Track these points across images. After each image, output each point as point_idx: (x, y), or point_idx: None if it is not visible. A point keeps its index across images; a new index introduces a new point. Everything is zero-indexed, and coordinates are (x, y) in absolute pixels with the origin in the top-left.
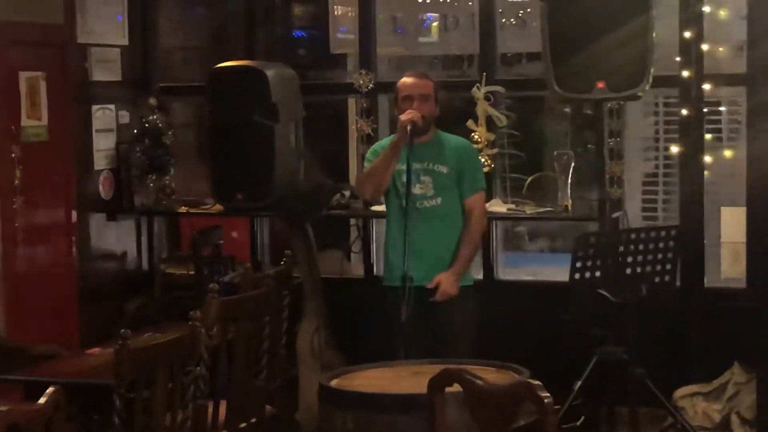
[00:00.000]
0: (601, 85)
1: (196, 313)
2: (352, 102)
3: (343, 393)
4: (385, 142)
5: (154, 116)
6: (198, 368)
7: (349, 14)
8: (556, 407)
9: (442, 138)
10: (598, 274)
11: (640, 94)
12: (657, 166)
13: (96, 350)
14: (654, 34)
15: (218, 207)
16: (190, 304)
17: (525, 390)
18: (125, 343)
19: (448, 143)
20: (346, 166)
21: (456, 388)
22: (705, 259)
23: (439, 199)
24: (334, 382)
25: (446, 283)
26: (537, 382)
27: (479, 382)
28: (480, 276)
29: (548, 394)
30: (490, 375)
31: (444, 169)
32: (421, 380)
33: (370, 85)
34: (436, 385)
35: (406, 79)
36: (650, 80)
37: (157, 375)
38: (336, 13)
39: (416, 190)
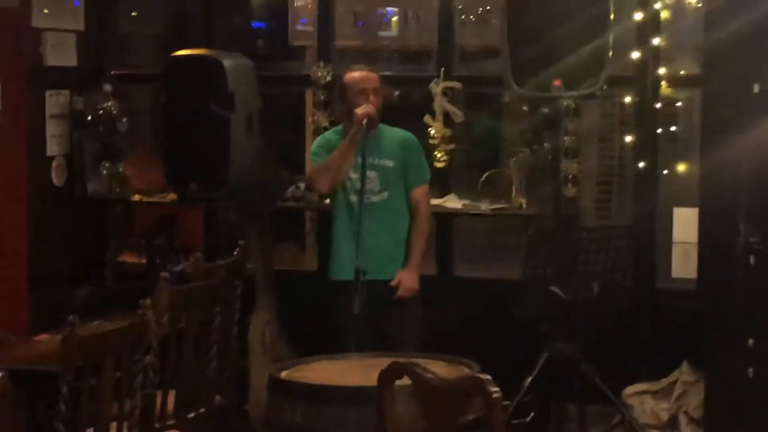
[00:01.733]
0: (557, 83)
1: (146, 301)
2: (309, 94)
3: (292, 384)
4: (329, 135)
5: (109, 103)
6: (147, 357)
7: (309, 6)
8: (505, 402)
9: (384, 131)
10: (549, 271)
11: (596, 93)
12: (611, 166)
13: (44, 337)
14: (611, 35)
15: (172, 196)
16: (142, 293)
17: (474, 384)
18: (73, 330)
19: (391, 136)
20: (302, 158)
21: (405, 381)
22: (656, 258)
23: (385, 194)
24: (283, 374)
25: (408, 279)
26: (486, 376)
27: (428, 375)
28: (434, 272)
29: (497, 389)
30: (440, 369)
31: (390, 163)
32: (370, 373)
33: (328, 78)
34: (385, 378)
35: (357, 74)
36: (606, 79)
37: (104, 363)
38: (295, 4)
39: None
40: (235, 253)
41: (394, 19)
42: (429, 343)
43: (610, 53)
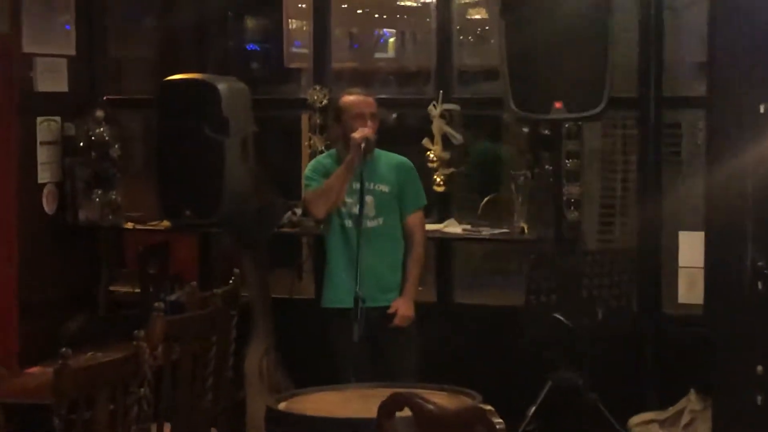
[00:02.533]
0: (558, 105)
1: (140, 332)
2: (305, 118)
3: (290, 416)
4: (323, 159)
5: (101, 129)
6: (141, 389)
7: (304, 28)
8: None
9: (380, 156)
10: (553, 297)
11: (597, 115)
12: (614, 189)
13: (35, 369)
14: (612, 56)
15: (166, 223)
16: (135, 323)
17: (476, 415)
18: (65, 362)
19: (387, 161)
20: (298, 183)
21: (406, 412)
22: (662, 284)
23: (380, 219)
24: (281, 405)
25: (404, 307)
26: (488, 407)
27: (430, 406)
28: (434, 298)
29: (500, 420)
30: (441, 399)
31: (386, 188)
32: (370, 404)
33: (324, 101)
34: (385, 410)
35: (354, 97)
36: (607, 101)
37: (98, 396)
38: (290, 26)
39: (357, 210)
40: (231, 281)
41: (391, 40)
42: (429, 373)
43: (612, 74)
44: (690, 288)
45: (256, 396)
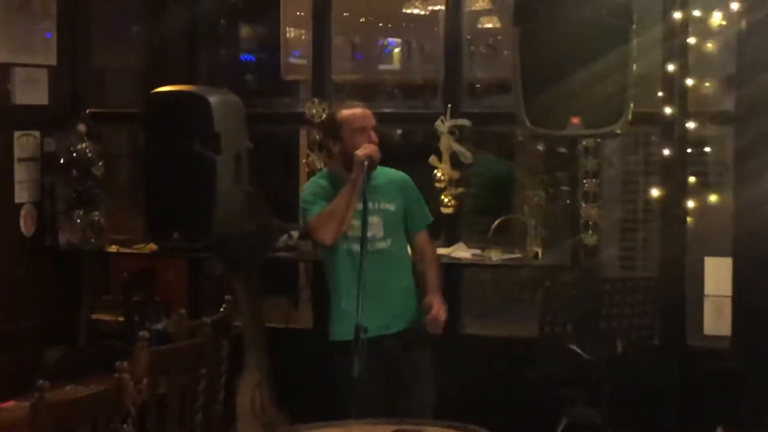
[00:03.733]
0: (575, 120)
1: (123, 364)
2: (303, 133)
3: None
4: (319, 181)
5: (84, 145)
6: (124, 425)
7: (303, 37)
8: None
9: (378, 173)
10: (569, 327)
11: (618, 131)
12: (636, 211)
13: (11, 403)
14: (634, 68)
15: (152, 247)
16: (119, 354)
17: None
18: (42, 395)
19: (387, 178)
20: (295, 203)
21: None
22: (686, 313)
23: (389, 240)
24: None
25: (438, 305)
26: None
27: None
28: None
29: None
30: None
31: (392, 207)
32: None
33: (324, 116)
34: None
35: (355, 111)
36: (629, 117)
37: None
38: (288, 35)
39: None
40: (222, 309)
41: (396, 50)
42: (436, 407)
43: (633, 88)
44: (717, 318)
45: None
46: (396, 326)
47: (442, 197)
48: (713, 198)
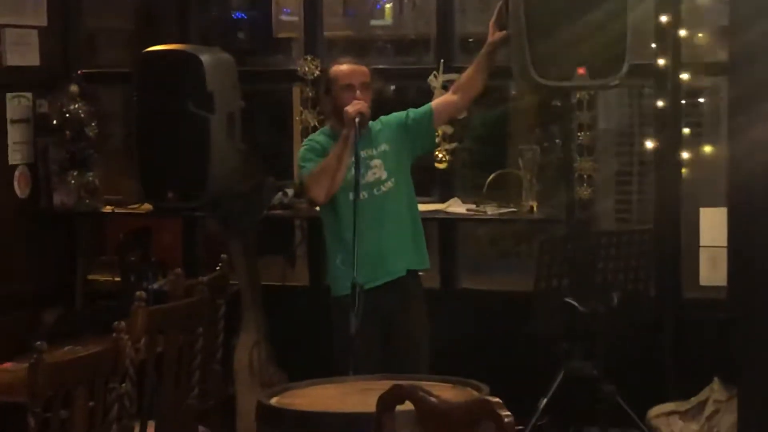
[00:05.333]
0: (581, 71)
1: (121, 324)
2: (296, 91)
3: (282, 412)
4: (318, 137)
5: (76, 105)
6: (122, 385)
7: None
8: (518, 427)
9: (378, 120)
10: (565, 281)
11: (617, 82)
12: (631, 163)
13: (9, 365)
14: (630, 18)
15: (147, 207)
16: (116, 315)
17: (483, 408)
18: (40, 357)
19: (383, 122)
20: (289, 161)
21: (408, 406)
22: (682, 265)
23: (393, 180)
24: (273, 400)
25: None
26: (496, 400)
27: (433, 399)
28: (437, 284)
29: (509, 413)
30: (446, 392)
31: (387, 147)
32: (369, 398)
33: (316, 72)
34: (385, 403)
35: (343, 67)
36: (628, 66)
37: (76, 393)
38: None
39: (369, 177)
40: (218, 268)
41: (388, 6)
42: (433, 363)
43: (629, 37)
44: (712, 269)
45: (247, 392)
46: (396, 272)
47: (437, 152)
48: (707, 149)
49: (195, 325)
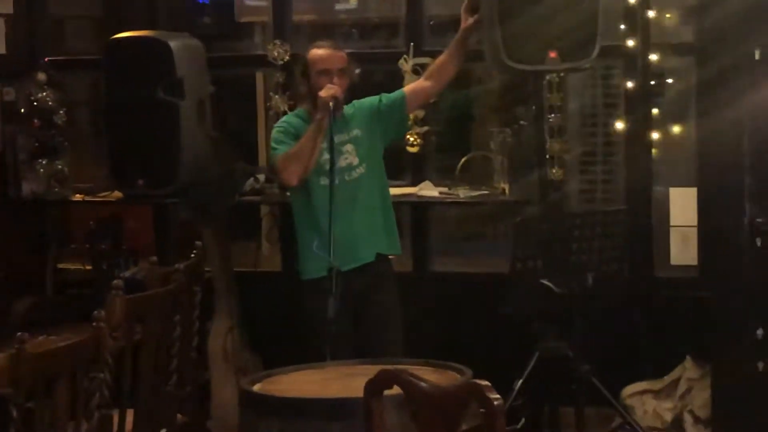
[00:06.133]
0: (553, 55)
1: (101, 313)
2: (260, 76)
3: (267, 398)
4: (291, 120)
5: (44, 93)
6: (101, 375)
7: None
8: None
9: (351, 104)
10: (540, 262)
11: (588, 66)
12: (597, 144)
13: None
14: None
15: (117, 194)
16: (88, 303)
17: (472, 391)
18: (23, 347)
19: (357, 106)
20: (254, 147)
21: (395, 390)
22: (653, 245)
23: (364, 166)
24: (256, 387)
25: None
26: (485, 383)
27: (421, 383)
28: (409, 267)
29: (498, 396)
30: (429, 376)
31: (359, 132)
32: (352, 383)
33: (286, 58)
34: (373, 388)
35: (320, 51)
36: (598, 49)
37: (58, 383)
38: None
39: (341, 163)
40: (193, 255)
41: None
42: (409, 345)
43: (600, 18)
44: (683, 248)
45: (222, 378)
46: (365, 257)
47: (408, 136)
48: (676, 129)
49: (173, 313)
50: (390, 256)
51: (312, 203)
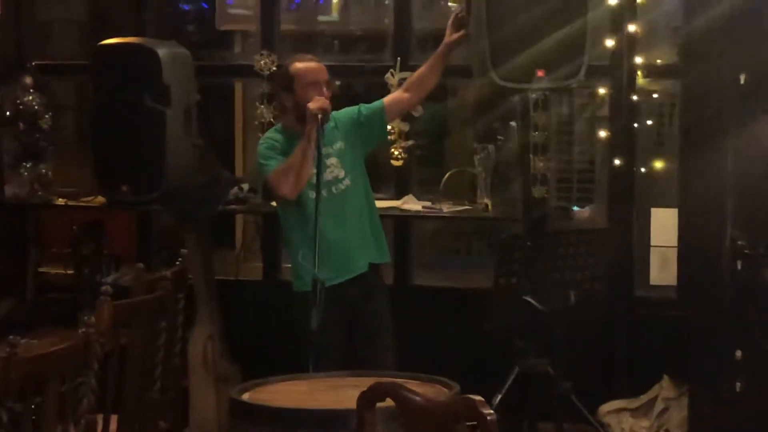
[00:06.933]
0: (541, 73)
1: (91, 318)
2: (238, 86)
3: (257, 408)
4: (273, 135)
5: (30, 97)
6: (90, 379)
7: None
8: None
9: (333, 117)
10: (523, 279)
11: (575, 85)
12: (569, 162)
13: None
14: (588, 19)
15: (101, 200)
16: (67, 307)
17: (466, 406)
18: (14, 350)
19: (338, 118)
20: (232, 156)
21: (387, 403)
22: (634, 264)
23: (349, 178)
24: (245, 396)
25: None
26: (479, 398)
27: (415, 397)
28: (390, 281)
29: (492, 411)
30: (415, 389)
31: (342, 144)
32: (340, 394)
33: (273, 68)
34: (366, 400)
35: (309, 64)
36: (586, 68)
37: (47, 387)
38: None
39: (327, 176)
40: (178, 262)
41: (335, 1)
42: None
43: (588, 39)
44: (662, 268)
45: (201, 385)
46: (357, 269)
47: (392, 150)
48: (660, 150)
49: (158, 320)
50: (380, 265)
51: (303, 216)
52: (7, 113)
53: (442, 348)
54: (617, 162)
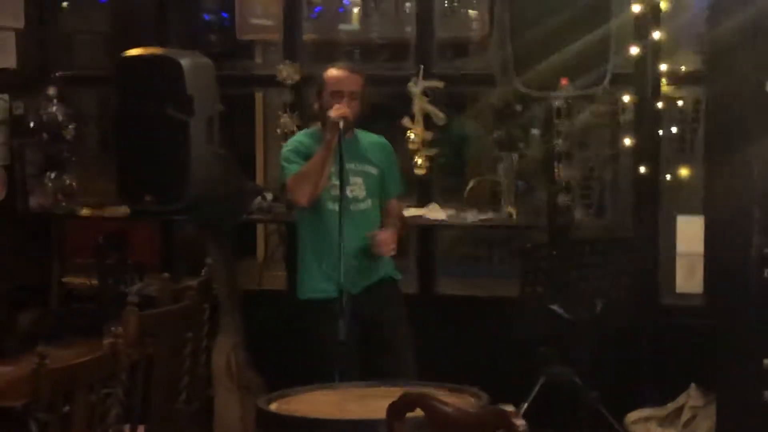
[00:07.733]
0: (565, 82)
1: (118, 329)
2: (259, 96)
3: (284, 418)
4: (302, 138)
5: (54, 108)
6: (118, 390)
7: None
8: None
9: (361, 136)
10: (549, 288)
11: (600, 93)
12: (592, 169)
13: None
14: (612, 28)
15: (125, 210)
16: (93, 317)
17: (497, 417)
18: (43, 361)
19: (368, 141)
20: (253, 166)
21: (417, 413)
22: (660, 272)
23: (369, 202)
24: (273, 406)
25: (384, 234)
26: (511, 409)
27: (446, 408)
28: (415, 290)
29: (523, 422)
30: (444, 399)
31: (374, 171)
32: (369, 404)
33: (296, 77)
34: (396, 410)
35: (335, 72)
36: (610, 76)
37: (75, 397)
38: None
39: (348, 193)
40: (203, 272)
41: (355, 10)
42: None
43: (612, 47)
44: (688, 276)
45: (226, 395)
46: (370, 279)
47: (416, 159)
48: (685, 157)
49: (185, 329)
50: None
51: (321, 226)
52: (32, 124)
53: (467, 357)
54: (642, 169)
